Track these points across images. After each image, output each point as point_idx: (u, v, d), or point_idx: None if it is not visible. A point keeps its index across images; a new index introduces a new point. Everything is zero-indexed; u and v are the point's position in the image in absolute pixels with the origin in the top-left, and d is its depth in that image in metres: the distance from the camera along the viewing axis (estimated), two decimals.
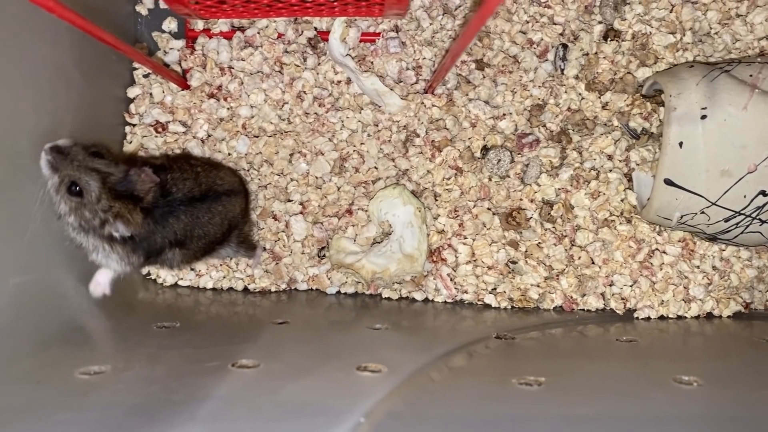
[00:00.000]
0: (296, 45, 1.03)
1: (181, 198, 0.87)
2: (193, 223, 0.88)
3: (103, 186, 0.78)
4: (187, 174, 0.90)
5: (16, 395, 0.59)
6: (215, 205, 0.91)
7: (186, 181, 0.89)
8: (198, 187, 0.90)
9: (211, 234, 0.92)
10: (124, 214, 0.79)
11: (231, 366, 0.66)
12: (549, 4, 1.03)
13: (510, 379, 0.68)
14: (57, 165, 0.77)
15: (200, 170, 0.93)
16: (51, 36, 0.82)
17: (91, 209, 0.78)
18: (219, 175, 0.96)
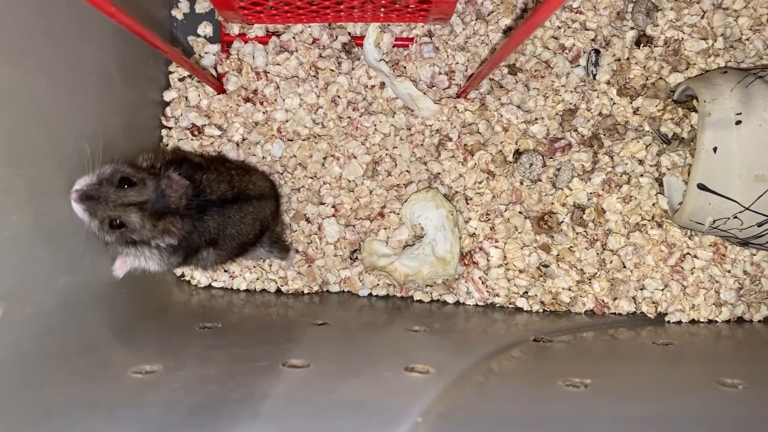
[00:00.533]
0: (331, 50, 1.04)
1: (214, 199, 0.88)
2: (226, 222, 0.89)
3: (143, 214, 0.78)
4: (222, 177, 0.91)
5: (75, 394, 0.60)
6: (246, 206, 0.92)
7: (221, 184, 0.90)
8: (231, 190, 0.91)
9: (243, 234, 0.93)
10: (169, 228, 0.80)
11: (282, 366, 0.67)
12: (581, 10, 1.03)
13: (555, 380, 0.69)
14: (92, 210, 0.76)
15: (234, 174, 0.93)
16: (96, 39, 0.84)
17: (137, 234, 0.79)
18: (251, 179, 0.97)
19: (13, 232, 0.66)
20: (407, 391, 0.63)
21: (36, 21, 0.70)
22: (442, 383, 0.65)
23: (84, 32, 0.80)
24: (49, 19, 0.73)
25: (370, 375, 0.66)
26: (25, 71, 0.68)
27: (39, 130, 0.71)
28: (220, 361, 0.70)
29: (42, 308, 0.70)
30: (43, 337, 0.68)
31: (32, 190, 0.70)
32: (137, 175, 0.80)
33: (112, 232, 0.78)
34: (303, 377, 0.65)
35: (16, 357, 0.64)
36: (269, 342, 0.78)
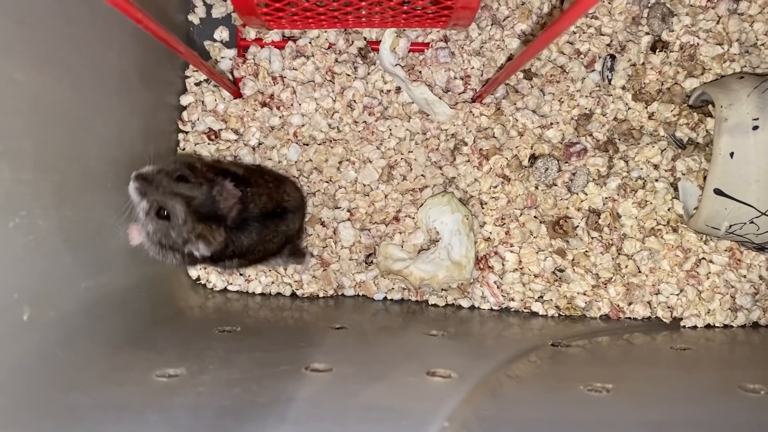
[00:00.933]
0: (347, 55, 1.05)
1: (256, 214, 0.88)
2: (260, 238, 0.90)
3: (188, 209, 0.80)
4: (263, 189, 0.91)
5: (101, 397, 0.61)
6: (281, 223, 0.93)
7: (262, 196, 0.90)
8: (270, 202, 0.91)
9: (270, 249, 0.94)
10: (206, 235, 0.81)
11: (304, 369, 0.68)
12: (596, 15, 1.04)
13: (577, 385, 0.69)
14: (144, 191, 0.79)
15: (271, 185, 0.94)
16: (117, 44, 0.84)
17: (177, 231, 0.80)
18: (286, 190, 0.97)
19: (38, 237, 0.67)
20: (431, 395, 0.63)
21: (61, 27, 0.71)
22: (465, 388, 0.65)
23: (106, 38, 0.81)
24: (73, 26, 0.74)
25: (393, 379, 0.66)
26: (51, 77, 0.69)
27: (63, 135, 0.72)
28: (243, 364, 0.70)
29: (65, 312, 0.71)
30: (67, 341, 0.69)
31: (57, 194, 0.70)
32: (194, 175, 0.82)
33: (157, 222, 0.80)
34: (327, 381, 0.65)
35: (41, 360, 0.64)
36: (289, 346, 0.79)
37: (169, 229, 0.80)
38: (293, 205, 0.96)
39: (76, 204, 0.75)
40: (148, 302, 0.90)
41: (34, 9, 0.66)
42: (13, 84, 0.63)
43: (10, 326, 0.61)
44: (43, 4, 0.68)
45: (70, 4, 0.72)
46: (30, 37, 0.65)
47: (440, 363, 0.71)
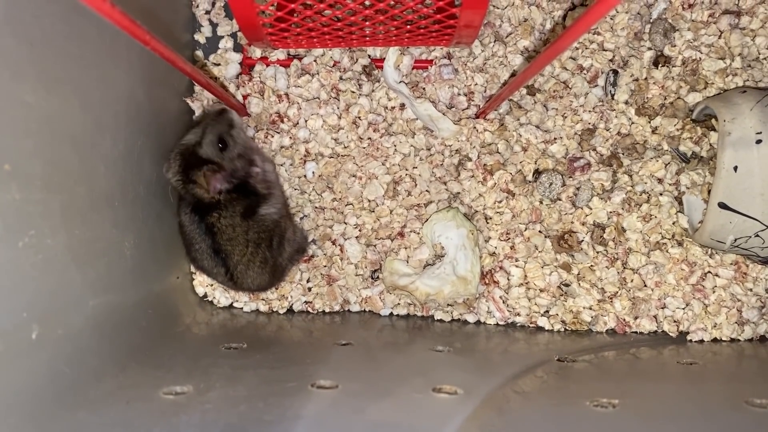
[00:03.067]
0: (351, 72, 1.06)
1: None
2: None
3: (218, 148, 0.93)
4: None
5: (109, 415, 0.61)
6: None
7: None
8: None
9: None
10: (210, 177, 0.90)
11: (310, 386, 0.68)
12: (599, 31, 1.05)
13: (583, 401, 0.69)
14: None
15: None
16: (125, 64, 0.85)
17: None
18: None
19: (47, 256, 0.67)
20: (438, 412, 0.63)
21: (69, 48, 0.72)
22: (471, 404, 0.66)
23: (113, 58, 0.82)
24: (82, 46, 0.75)
25: (399, 396, 0.66)
26: (60, 97, 0.70)
27: (72, 154, 0.72)
28: (249, 381, 0.70)
29: (73, 330, 0.71)
30: (76, 359, 0.69)
31: (65, 213, 0.71)
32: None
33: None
34: (333, 398, 0.65)
35: (50, 378, 0.65)
36: (295, 362, 0.79)
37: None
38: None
39: (84, 223, 0.75)
40: (155, 319, 0.91)
41: (43, 31, 0.67)
42: (24, 106, 0.64)
43: (19, 345, 0.62)
44: (52, 26, 0.69)
45: (79, 25, 0.73)
46: (39, 59, 0.67)
47: (446, 379, 0.71)
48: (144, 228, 0.91)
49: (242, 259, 0.94)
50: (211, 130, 0.92)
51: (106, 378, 0.70)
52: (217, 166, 0.90)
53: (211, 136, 0.91)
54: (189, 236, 0.95)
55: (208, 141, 0.91)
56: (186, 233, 0.96)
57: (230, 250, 0.93)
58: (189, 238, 0.96)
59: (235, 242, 0.93)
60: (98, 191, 0.79)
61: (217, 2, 1.10)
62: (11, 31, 0.62)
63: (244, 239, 0.93)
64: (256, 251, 0.94)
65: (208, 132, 0.91)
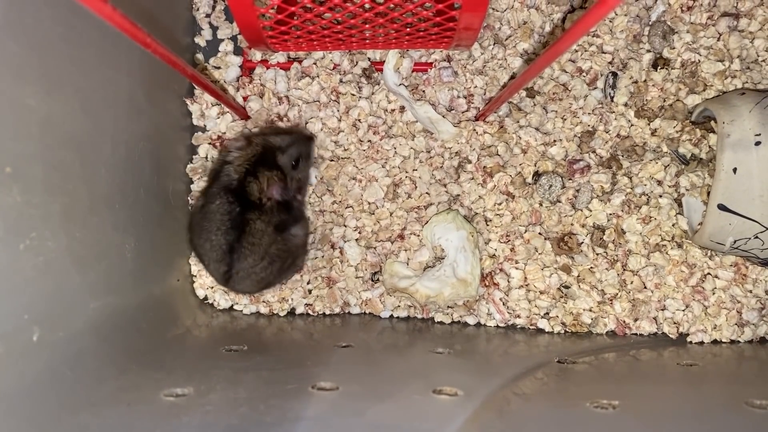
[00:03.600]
0: (351, 75, 1.06)
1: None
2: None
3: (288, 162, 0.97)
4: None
5: (111, 417, 0.61)
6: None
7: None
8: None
9: None
10: (273, 180, 0.94)
11: (311, 388, 0.68)
12: (598, 34, 1.05)
13: (583, 402, 0.69)
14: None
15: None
16: (126, 68, 0.86)
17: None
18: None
19: (48, 258, 0.68)
20: (438, 413, 0.63)
21: (70, 52, 0.72)
22: (471, 406, 0.66)
23: (114, 61, 0.83)
24: (83, 50, 0.75)
25: (399, 398, 0.67)
26: (61, 101, 0.70)
27: (73, 157, 0.73)
28: (250, 383, 0.70)
29: (74, 332, 0.71)
30: (76, 361, 0.69)
31: (65, 216, 0.71)
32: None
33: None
34: (333, 400, 0.65)
35: (50, 380, 0.65)
36: (296, 364, 0.79)
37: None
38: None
39: (84, 225, 0.76)
40: (155, 322, 0.91)
41: (45, 34, 0.68)
42: (25, 109, 0.64)
43: (20, 347, 0.62)
44: (54, 30, 0.69)
45: (80, 29, 0.73)
46: (41, 63, 0.67)
47: (446, 381, 0.71)
48: (144, 231, 0.91)
49: (252, 267, 0.93)
50: (297, 146, 0.97)
51: (106, 380, 0.70)
52: (283, 178, 0.94)
53: (294, 151, 0.96)
54: (209, 221, 0.93)
55: (290, 154, 0.96)
56: (207, 216, 0.93)
57: (247, 254, 0.92)
58: (207, 223, 0.93)
59: (256, 249, 0.92)
60: (99, 194, 0.79)
61: (217, 5, 1.11)
62: (12, 34, 0.62)
63: (265, 250, 0.93)
64: (268, 267, 0.94)
65: (294, 146, 0.96)
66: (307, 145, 1.00)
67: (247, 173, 0.92)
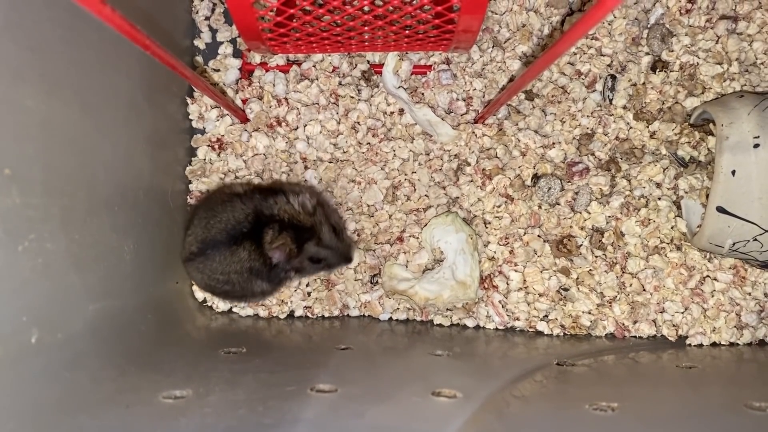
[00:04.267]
0: (351, 78, 1.06)
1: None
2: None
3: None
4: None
5: (109, 419, 0.61)
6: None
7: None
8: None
9: None
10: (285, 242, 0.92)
11: (310, 390, 0.68)
12: (596, 36, 1.05)
13: (582, 404, 0.69)
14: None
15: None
16: (125, 70, 0.86)
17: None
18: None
19: (47, 260, 0.67)
20: (437, 415, 0.63)
21: (70, 53, 0.72)
22: (470, 407, 0.66)
23: (113, 63, 0.83)
24: (82, 52, 0.75)
25: (398, 399, 0.66)
26: (60, 102, 0.70)
27: (72, 159, 0.73)
28: (248, 385, 0.70)
29: (72, 334, 0.71)
30: (75, 363, 0.69)
31: (65, 218, 0.71)
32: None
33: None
34: (332, 402, 0.65)
35: (49, 382, 0.65)
36: (295, 367, 0.79)
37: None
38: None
39: (83, 227, 0.75)
40: (154, 324, 0.91)
41: (45, 36, 0.68)
42: (24, 110, 0.64)
43: (18, 348, 0.62)
44: (53, 31, 0.69)
45: (80, 30, 0.74)
46: (40, 64, 0.67)
47: (445, 383, 0.71)
48: (143, 233, 0.91)
49: (210, 271, 0.94)
50: (332, 255, 0.95)
51: (105, 382, 0.70)
52: (295, 255, 0.92)
53: (326, 255, 0.95)
54: (223, 211, 0.92)
55: (320, 254, 0.94)
56: (225, 206, 0.93)
57: (217, 260, 0.92)
58: (220, 210, 0.93)
59: (225, 264, 0.92)
60: (98, 196, 0.79)
61: (216, 8, 1.11)
62: (12, 36, 0.62)
63: (229, 271, 0.93)
64: (220, 281, 0.94)
65: (330, 253, 0.95)
66: (338, 261, 0.97)
67: (279, 222, 0.91)
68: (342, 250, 0.96)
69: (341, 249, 0.96)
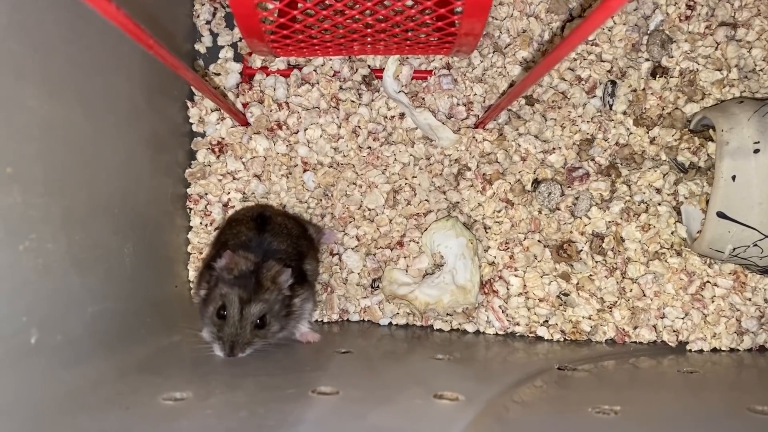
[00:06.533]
0: (351, 82, 1.07)
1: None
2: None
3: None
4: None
5: (109, 420, 0.60)
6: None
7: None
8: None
9: None
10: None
11: (311, 393, 0.67)
12: (597, 42, 1.06)
13: (585, 408, 0.68)
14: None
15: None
16: (126, 71, 0.86)
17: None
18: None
19: (47, 260, 0.67)
20: (439, 418, 0.63)
21: (73, 54, 0.72)
22: (473, 410, 0.65)
23: (115, 64, 0.83)
24: (85, 53, 0.75)
25: (400, 402, 0.66)
26: (62, 103, 0.70)
27: (73, 160, 0.73)
28: (249, 388, 0.70)
29: (72, 335, 0.71)
30: (74, 364, 0.69)
31: (65, 218, 0.71)
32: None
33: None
34: (334, 404, 0.65)
35: (48, 383, 0.64)
36: (295, 370, 0.79)
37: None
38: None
39: (84, 228, 0.75)
40: (153, 328, 0.90)
41: (48, 36, 0.68)
42: (26, 110, 0.64)
43: (17, 349, 0.61)
44: (57, 32, 0.69)
45: (82, 31, 0.74)
46: (43, 64, 0.67)
47: (447, 386, 0.71)
48: (143, 235, 0.91)
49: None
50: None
51: (105, 384, 0.70)
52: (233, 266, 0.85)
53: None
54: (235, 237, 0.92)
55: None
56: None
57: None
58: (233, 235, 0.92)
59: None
60: (98, 197, 0.79)
61: (217, 12, 1.11)
62: (15, 36, 0.62)
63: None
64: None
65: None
66: (218, 332, 0.83)
67: (284, 260, 0.88)
68: (227, 334, 0.82)
69: (238, 339, 0.82)
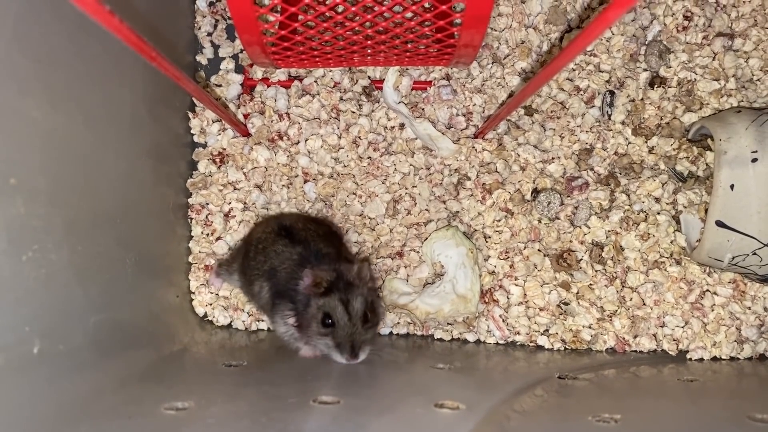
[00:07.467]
0: (352, 93, 1.07)
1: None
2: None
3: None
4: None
5: (110, 430, 0.61)
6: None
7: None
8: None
9: None
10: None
11: (312, 402, 0.68)
12: (595, 53, 1.06)
13: (585, 416, 0.69)
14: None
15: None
16: (128, 83, 0.87)
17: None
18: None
19: (50, 271, 0.68)
20: (440, 427, 0.63)
21: (76, 66, 0.73)
22: (474, 419, 0.65)
23: (118, 76, 0.83)
24: (87, 64, 0.76)
25: (401, 411, 0.66)
26: (65, 114, 0.71)
27: (76, 170, 0.73)
28: (251, 397, 0.70)
29: (74, 345, 0.71)
30: (77, 374, 0.69)
31: (68, 228, 0.71)
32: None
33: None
34: (335, 413, 0.65)
35: (51, 393, 0.65)
36: (296, 379, 0.79)
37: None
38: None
39: (86, 238, 0.76)
40: (154, 338, 0.91)
41: (51, 48, 0.68)
42: (30, 121, 0.64)
43: (20, 359, 0.62)
44: (59, 44, 0.70)
45: (85, 43, 0.74)
46: (46, 76, 0.67)
47: (448, 395, 0.71)
48: (145, 245, 0.91)
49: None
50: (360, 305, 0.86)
51: (107, 393, 0.70)
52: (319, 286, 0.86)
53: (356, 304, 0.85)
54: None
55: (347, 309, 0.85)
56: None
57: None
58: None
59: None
60: (101, 208, 0.80)
61: (219, 25, 1.12)
62: (19, 48, 0.63)
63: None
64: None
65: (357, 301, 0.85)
66: (343, 344, 0.83)
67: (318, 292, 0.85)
68: (354, 339, 0.83)
69: (355, 336, 0.83)
